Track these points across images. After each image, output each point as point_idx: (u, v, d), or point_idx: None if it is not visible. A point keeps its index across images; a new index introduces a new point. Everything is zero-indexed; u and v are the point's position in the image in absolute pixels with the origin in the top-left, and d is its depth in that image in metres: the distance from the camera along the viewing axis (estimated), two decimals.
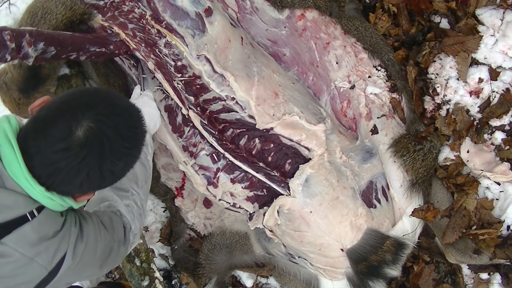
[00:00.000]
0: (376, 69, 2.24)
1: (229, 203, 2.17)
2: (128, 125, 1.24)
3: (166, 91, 2.03)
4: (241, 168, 2.08)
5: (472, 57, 2.17)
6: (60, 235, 1.26)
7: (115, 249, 1.45)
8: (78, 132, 1.15)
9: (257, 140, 2.10)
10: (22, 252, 1.19)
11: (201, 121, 2.04)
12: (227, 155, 2.06)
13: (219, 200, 2.16)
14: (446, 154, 2.22)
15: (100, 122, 1.17)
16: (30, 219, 1.20)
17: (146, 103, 1.94)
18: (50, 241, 1.23)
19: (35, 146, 1.17)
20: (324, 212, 2.04)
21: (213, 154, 2.09)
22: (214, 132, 2.06)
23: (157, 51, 2.02)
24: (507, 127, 2.17)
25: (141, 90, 2.03)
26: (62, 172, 1.17)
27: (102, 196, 1.61)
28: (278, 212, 2.06)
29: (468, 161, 2.18)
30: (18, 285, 1.23)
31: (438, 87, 2.22)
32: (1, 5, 2.56)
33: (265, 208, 2.10)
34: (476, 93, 2.18)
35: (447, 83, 2.20)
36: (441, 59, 2.23)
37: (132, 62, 2.10)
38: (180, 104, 2.03)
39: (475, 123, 2.19)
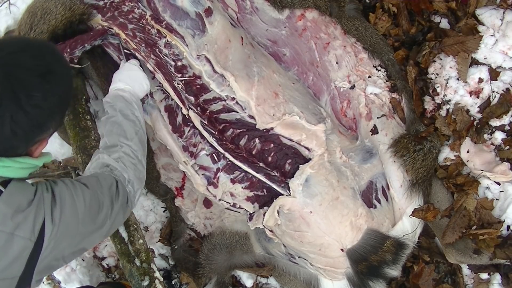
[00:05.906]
0: (376, 69, 2.24)
1: (229, 203, 2.16)
2: (31, 56, 1.27)
3: (166, 91, 2.03)
4: (241, 168, 2.08)
5: (472, 57, 2.17)
6: (35, 203, 1.26)
7: (107, 204, 1.46)
8: None
9: (257, 140, 2.10)
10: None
11: (201, 121, 2.04)
12: (227, 155, 2.06)
13: (219, 200, 2.16)
14: (446, 154, 2.22)
15: (1, 67, 1.22)
16: None
17: (127, 67, 1.95)
18: (26, 211, 1.24)
19: None
20: (324, 212, 2.03)
21: (213, 154, 2.09)
22: (214, 132, 2.06)
23: (157, 51, 2.02)
24: (507, 127, 2.17)
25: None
26: None
27: (98, 162, 1.64)
28: (278, 212, 2.06)
29: (468, 161, 2.17)
30: (9, 265, 1.22)
31: (438, 87, 2.22)
32: (1, 5, 2.56)
33: (265, 208, 2.10)
34: (476, 93, 2.18)
35: (447, 83, 2.20)
36: (441, 59, 2.22)
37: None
38: (180, 104, 2.03)
39: (475, 123, 2.19)
